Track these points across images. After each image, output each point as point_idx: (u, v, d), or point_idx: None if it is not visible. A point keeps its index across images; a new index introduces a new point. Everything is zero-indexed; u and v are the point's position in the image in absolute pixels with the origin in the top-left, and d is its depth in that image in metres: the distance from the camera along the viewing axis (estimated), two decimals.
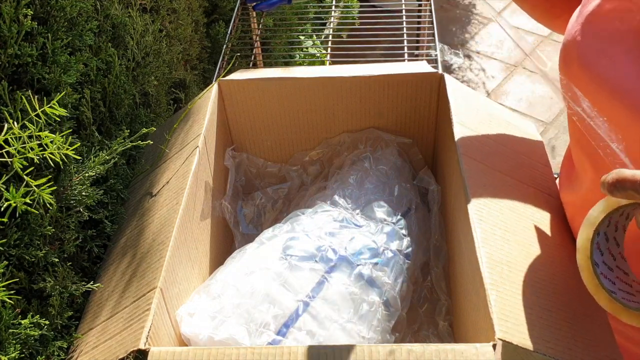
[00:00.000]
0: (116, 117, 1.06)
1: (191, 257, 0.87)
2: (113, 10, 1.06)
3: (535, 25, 2.86)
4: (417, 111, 1.10)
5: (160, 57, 1.23)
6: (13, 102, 0.77)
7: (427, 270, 0.99)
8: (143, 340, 0.66)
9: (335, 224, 0.92)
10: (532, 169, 0.91)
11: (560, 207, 0.86)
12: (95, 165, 0.87)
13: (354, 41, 1.43)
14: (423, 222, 1.02)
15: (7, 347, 0.68)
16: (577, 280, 0.72)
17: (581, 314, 0.69)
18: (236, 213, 1.10)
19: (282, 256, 0.85)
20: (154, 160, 1.03)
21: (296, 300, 0.80)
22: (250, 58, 1.46)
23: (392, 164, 1.08)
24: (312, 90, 1.08)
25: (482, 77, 2.61)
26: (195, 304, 0.81)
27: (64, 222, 0.83)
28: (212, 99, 1.04)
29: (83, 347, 0.74)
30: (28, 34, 0.81)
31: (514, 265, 0.71)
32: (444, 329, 0.91)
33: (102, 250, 0.90)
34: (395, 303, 0.85)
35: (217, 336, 0.75)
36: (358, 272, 0.84)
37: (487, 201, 0.79)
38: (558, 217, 0.84)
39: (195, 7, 1.45)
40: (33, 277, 0.78)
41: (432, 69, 1.07)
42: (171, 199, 0.87)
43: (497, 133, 0.95)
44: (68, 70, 0.86)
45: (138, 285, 0.76)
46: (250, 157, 1.17)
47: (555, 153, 2.32)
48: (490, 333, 0.63)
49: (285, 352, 0.63)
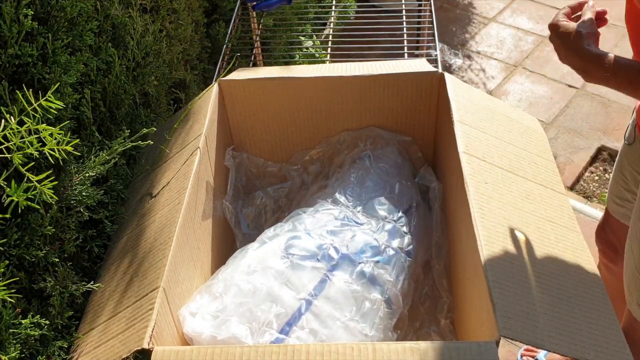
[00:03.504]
0: (116, 117, 1.05)
1: (193, 256, 0.87)
2: (113, 11, 1.06)
3: (535, 25, 2.86)
4: (417, 110, 1.10)
5: (161, 57, 1.23)
6: (13, 102, 0.76)
7: (429, 268, 0.99)
8: (147, 339, 0.66)
9: (337, 222, 0.92)
10: (534, 165, 0.91)
11: (564, 202, 0.85)
12: (96, 165, 0.87)
13: (354, 41, 1.43)
14: (424, 220, 1.01)
15: (8, 346, 0.67)
16: (581, 276, 0.72)
17: (585, 308, 0.69)
18: (237, 213, 1.10)
19: (284, 255, 0.85)
20: (154, 161, 1.03)
21: (298, 299, 0.79)
22: (250, 58, 1.45)
23: (392, 162, 1.08)
24: (312, 89, 1.08)
25: (482, 77, 2.61)
26: (198, 304, 0.80)
27: (64, 222, 0.83)
28: (213, 99, 1.03)
29: (84, 347, 0.74)
30: (28, 34, 0.81)
31: (516, 261, 0.71)
32: (445, 327, 0.90)
33: (102, 250, 0.90)
34: (397, 301, 0.85)
35: (220, 335, 0.75)
36: (360, 270, 0.84)
37: (489, 198, 0.79)
38: (561, 213, 0.83)
39: (196, 7, 1.45)
40: (33, 277, 0.78)
41: (432, 68, 1.07)
42: (173, 199, 0.87)
43: (498, 129, 0.95)
44: (68, 70, 0.86)
45: (140, 285, 0.76)
46: (250, 157, 1.17)
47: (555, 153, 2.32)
48: (493, 330, 0.63)
49: (289, 351, 0.63)
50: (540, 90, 2.48)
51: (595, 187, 2.12)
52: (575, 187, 2.12)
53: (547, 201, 0.84)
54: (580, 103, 2.44)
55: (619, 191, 1.15)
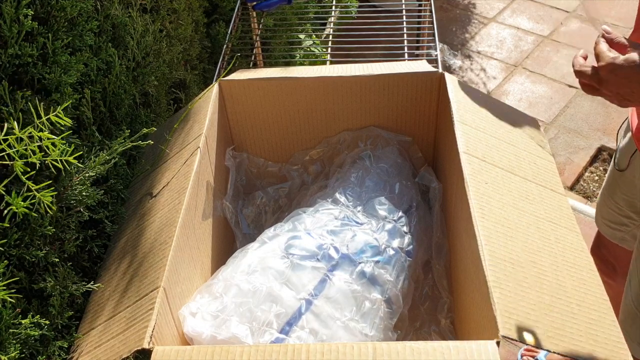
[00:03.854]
0: (116, 117, 1.05)
1: (193, 256, 0.87)
2: (113, 11, 1.06)
3: (535, 25, 2.86)
4: (417, 110, 1.10)
5: (161, 57, 1.23)
6: (14, 102, 0.76)
7: (429, 268, 0.99)
8: (147, 339, 0.66)
9: (337, 222, 0.92)
10: (534, 165, 0.91)
11: (563, 203, 0.85)
12: (96, 165, 0.87)
13: (354, 41, 1.43)
14: (424, 220, 1.01)
15: (8, 346, 0.67)
16: (581, 275, 0.72)
17: (585, 308, 0.69)
18: (237, 213, 1.10)
19: (284, 255, 0.85)
20: (154, 161, 1.03)
21: (298, 299, 0.79)
22: (250, 58, 1.45)
23: (392, 162, 1.08)
24: (312, 90, 1.08)
25: (482, 77, 2.61)
26: (198, 304, 0.80)
27: (64, 222, 0.83)
28: (213, 99, 1.03)
29: (84, 347, 0.74)
30: (28, 34, 0.81)
31: (516, 262, 0.71)
32: (445, 327, 0.91)
33: (102, 250, 0.90)
34: (397, 301, 0.85)
35: (220, 335, 0.75)
36: (360, 270, 0.84)
37: (489, 198, 0.79)
38: (561, 213, 0.83)
39: (196, 7, 1.45)
40: (33, 277, 0.78)
41: (432, 68, 1.07)
42: (173, 199, 0.87)
43: (498, 129, 0.95)
44: (68, 70, 0.86)
45: (140, 285, 0.76)
46: (250, 157, 1.17)
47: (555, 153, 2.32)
48: (494, 330, 0.63)
49: (289, 351, 0.63)
50: (540, 90, 2.48)
51: (595, 187, 2.12)
52: (575, 187, 2.12)
53: (546, 201, 0.84)
54: (580, 103, 2.44)
55: (613, 216, 1.13)
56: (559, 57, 2.66)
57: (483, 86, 2.59)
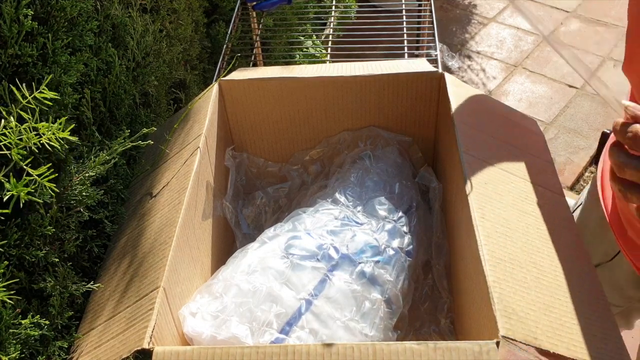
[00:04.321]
0: (116, 117, 1.05)
1: (193, 256, 0.87)
2: (113, 11, 1.06)
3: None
4: (417, 110, 1.10)
5: (161, 57, 1.23)
6: (13, 102, 0.76)
7: (429, 268, 0.99)
8: (147, 339, 0.66)
9: (337, 222, 0.92)
10: (534, 166, 0.91)
11: (562, 203, 0.85)
12: (96, 165, 0.87)
13: (354, 41, 1.43)
14: (424, 220, 1.01)
15: (8, 347, 0.67)
16: (580, 276, 0.72)
17: (585, 309, 0.69)
18: (237, 213, 1.10)
19: (284, 255, 0.85)
20: (154, 161, 1.03)
21: (298, 299, 0.80)
22: (250, 58, 1.45)
23: (392, 162, 1.08)
24: (312, 89, 1.08)
25: (482, 77, 2.61)
26: (198, 304, 0.80)
27: (64, 222, 0.83)
28: (213, 99, 1.03)
29: (84, 347, 0.74)
30: (28, 34, 0.81)
31: (516, 262, 0.71)
32: (445, 327, 0.91)
33: (102, 250, 0.90)
34: (397, 301, 0.85)
35: (220, 335, 0.75)
36: (360, 270, 0.84)
37: (489, 198, 0.79)
38: (560, 214, 0.84)
39: (196, 7, 1.45)
40: (33, 277, 0.78)
41: (432, 68, 1.07)
42: (173, 199, 0.87)
43: (498, 130, 0.95)
44: (68, 70, 0.86)
45: (140, 285, 0.76)
46: (250, 157, 1.17)
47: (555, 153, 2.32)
48: (494, 330, 0.63)
49: (289, 351, 0.63)
50: (540, 90, 2.48)
51: None
52: (575, 187, 2.12)
53: (546, 202, 0.84)
54: (580, 103, 2.44)
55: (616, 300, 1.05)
56: (559, 57, 2.66)
57: (483, 86, 2.59)
